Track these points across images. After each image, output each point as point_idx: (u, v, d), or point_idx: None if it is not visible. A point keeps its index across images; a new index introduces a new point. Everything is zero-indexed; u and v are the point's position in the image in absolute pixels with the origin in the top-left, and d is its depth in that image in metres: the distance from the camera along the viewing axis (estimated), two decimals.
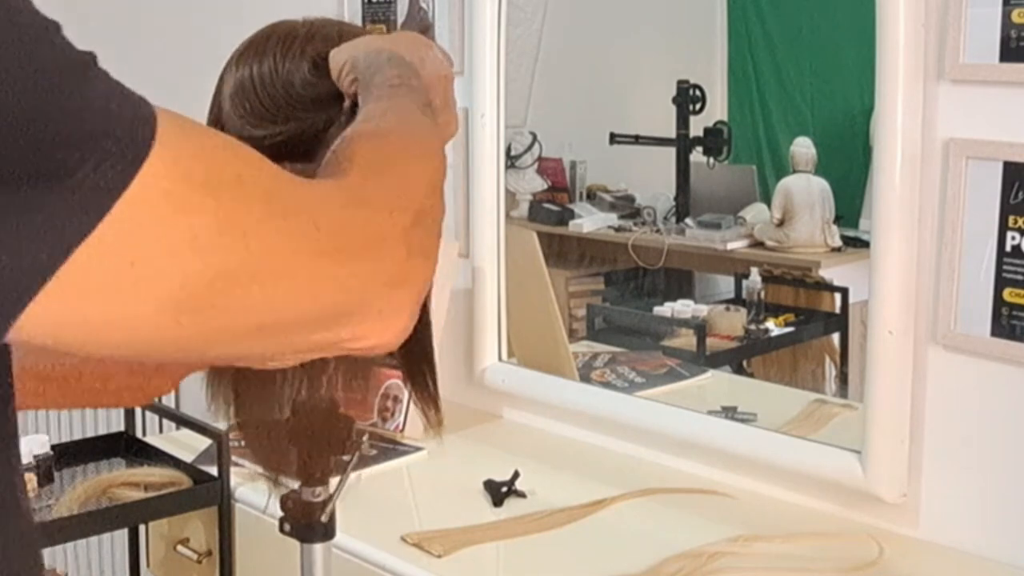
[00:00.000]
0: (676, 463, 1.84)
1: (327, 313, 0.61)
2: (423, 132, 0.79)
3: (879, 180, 1.54)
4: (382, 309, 0.63)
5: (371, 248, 0.62)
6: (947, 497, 1.56)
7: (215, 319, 0.56)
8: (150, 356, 0.58)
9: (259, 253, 0.56)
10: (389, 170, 0.69)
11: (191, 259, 0.53)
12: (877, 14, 1.50)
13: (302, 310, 0.59)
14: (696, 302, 2.55)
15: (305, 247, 0.59)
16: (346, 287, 0.61)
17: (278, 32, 1.00)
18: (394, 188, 0.67)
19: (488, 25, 2.02)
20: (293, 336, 0.61)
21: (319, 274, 0.59)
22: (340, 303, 0.61)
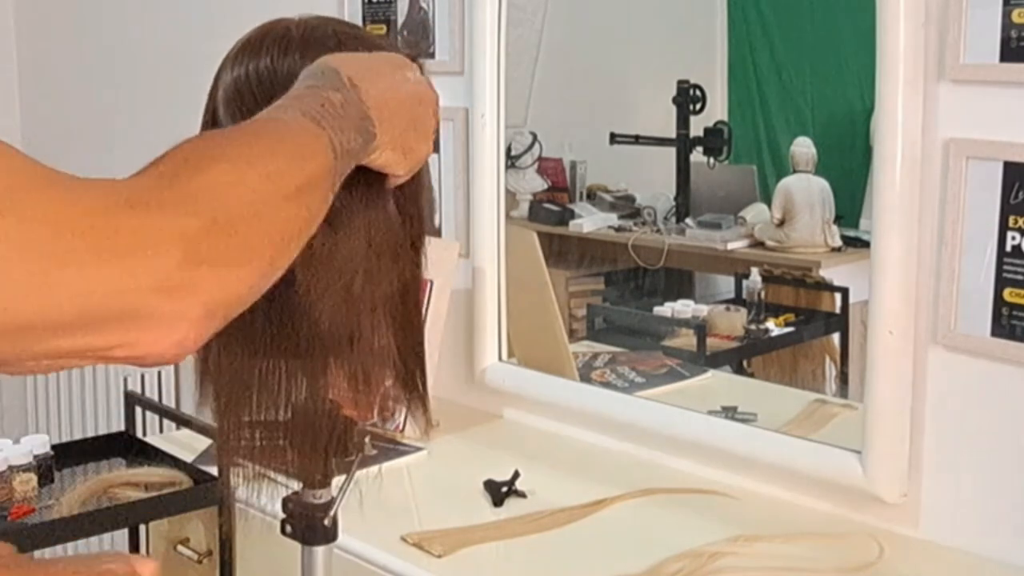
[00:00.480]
0: (676, 463, 1.84)
1: (70, 319, 0.57)
2: (279, 135, 0.72)
3: (879, 180, 1.54)
4: (151, 317, 0.59)
5: (131, 252, 0.58)
6: (947, 497, 1.56)
7: None
8: None
9: (13, 237, 0.54)
10: (196, 172, 0.64)
11: None
12: (877, 14, 1.50)
13: (34, 313, 0.55)
14: (696, 302, 2.55)
15: (50, 249, 0.55)
16: (105, 292, 0.57)
17: (273, 32, 0.99)
18: (192, 191, 0.62)
19: (488, 25, 2.01)
20: (32, 341, 0.57)
21: (52, 278, 0.56)
22: (98, 309, 0.57)
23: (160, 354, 0.60)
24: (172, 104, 2.53)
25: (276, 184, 0.67)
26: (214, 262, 0.61)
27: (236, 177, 0.65)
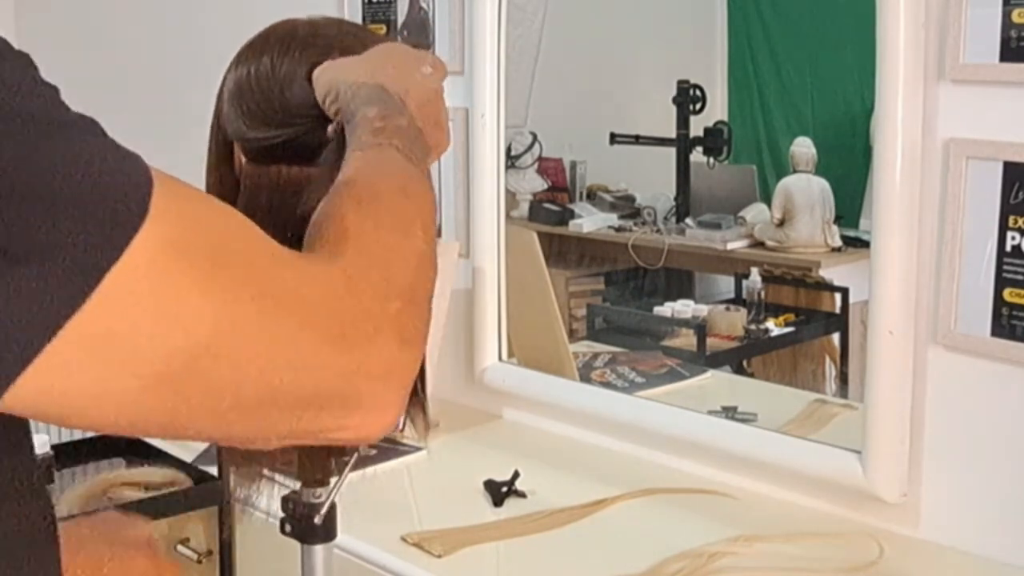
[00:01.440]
0: (676, 463, 1.84)
1: (311, 400, 0.59)
2: (414, 190, 0.76)
3: (879, 180, 1.54)
4: (370, 402, 0.62)
5: (365, 339, 0.61)
6: (947, 497, 1.56)
7: (197, 395, 0.55)
8: (131, 431, 0.57)
9: (246, 333, 0.55)
10: (382, 249, 0.67)
11: (176, 335, 0.53)
12: (877, 14, 1.50)
13: (285, 394, 0.58)
14: (696, 302, 2.55)
15: (295, 332, 0.57)
16: (334, 376, 0.60)
17: (277, 32, 1.00)
18: (387, 271, 0.66)
19: (488, 25, 2.01)
20: (275, 419, 0.59)
21: (308, 360, 0.58)
22: (326, 391, 0.60)
23: (367, 437, 0.63)
24: (173, 105, 2.53)
25: (426, 246, 0.71)
26: (414, 340, 0.65)
27: (404, 252, 0.68)
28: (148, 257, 0.51)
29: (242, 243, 0.58)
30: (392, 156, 0.79)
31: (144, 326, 0.52)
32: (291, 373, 0.57)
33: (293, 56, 0.97)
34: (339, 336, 0.60)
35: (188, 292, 0.53)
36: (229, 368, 0.55)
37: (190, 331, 0.53)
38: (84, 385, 0.52)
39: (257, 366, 0.56)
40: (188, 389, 0.54)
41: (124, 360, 0.52)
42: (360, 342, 0.61)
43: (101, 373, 0.52)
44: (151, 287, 0.52)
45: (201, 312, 0.53)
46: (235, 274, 0.56)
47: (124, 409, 0.54)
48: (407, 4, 2.18)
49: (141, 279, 0.51)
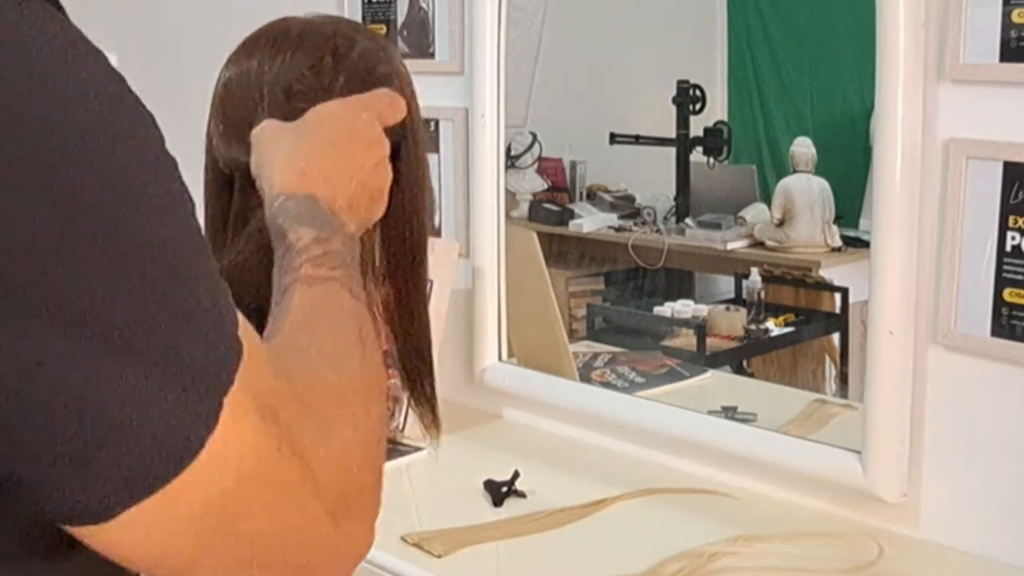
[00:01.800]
0: (676, 463, 1.84)
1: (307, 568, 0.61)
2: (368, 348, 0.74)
3: (879, 180, 1.54)
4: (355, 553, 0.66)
5: (370, 506, 0.68)
6: (947, 497, 1.56)
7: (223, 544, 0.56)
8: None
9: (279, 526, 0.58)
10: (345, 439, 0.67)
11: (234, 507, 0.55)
12: (877, 14, 1.50)
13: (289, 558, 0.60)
14: (696, 302, 2.55)
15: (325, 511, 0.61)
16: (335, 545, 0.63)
17: (270, 32, 0.97)
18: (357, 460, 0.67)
19: (488, 25, 2.01)
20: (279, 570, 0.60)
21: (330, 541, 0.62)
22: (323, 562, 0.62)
23: None
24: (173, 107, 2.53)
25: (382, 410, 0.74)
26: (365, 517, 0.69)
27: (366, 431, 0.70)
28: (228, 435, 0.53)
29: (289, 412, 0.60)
30: (339, 298, 0.76)
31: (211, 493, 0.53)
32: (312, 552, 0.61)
33: (284, 55, 0.95)
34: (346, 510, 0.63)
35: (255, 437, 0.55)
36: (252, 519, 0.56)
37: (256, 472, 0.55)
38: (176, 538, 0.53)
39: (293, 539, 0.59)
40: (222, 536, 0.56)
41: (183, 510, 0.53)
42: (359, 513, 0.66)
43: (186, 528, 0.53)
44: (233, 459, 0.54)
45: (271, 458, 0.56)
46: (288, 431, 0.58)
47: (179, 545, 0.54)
48: (407, 4, 2.18)
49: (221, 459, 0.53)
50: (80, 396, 0.48)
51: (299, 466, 0.58)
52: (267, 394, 0.56)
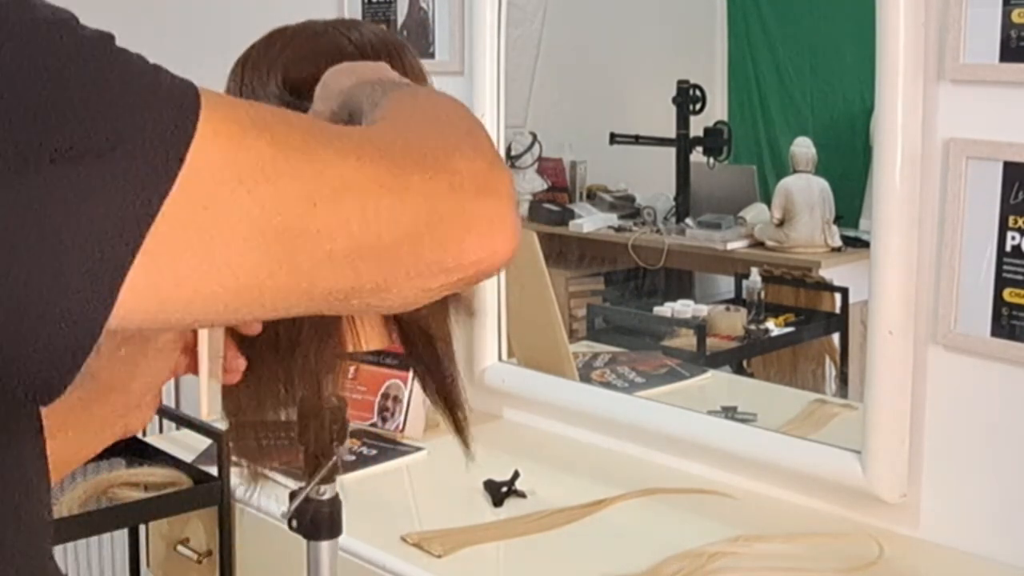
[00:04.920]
0: (676, 463, 1.84)
1: (421, 228, 0.59)
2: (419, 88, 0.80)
3: (879, 180, 1.54)
4: (479, 217, 0.61)
5: (446, 159, 0.61)
6: (947, 497, 1.56)
7: (313, 246, 0.55)
8: (268, 306, 0.57)
9: (332, 172, 0.56)
10: (421, 105, 0.71)
11: (266, 190, 0.54)
12: (877, 14, 1.50)
13: (394, 224, 0.58)
14: (696, 302, 2.55)
15: (377, 160, 0.58)
16: (431, 198, 0.59)
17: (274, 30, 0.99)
18: (435, 113, 0.69)
19: (488, 25, 2.01)
20: (396, 256, 0.59)
21: (402, 183, 0.58)
22: (432, 215, 0.59)
23: (500, 256, 0.63)
24: None
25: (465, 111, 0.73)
26: (495, 159, 0.65)
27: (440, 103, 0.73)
28: (214, 130, 0.53)
29: (285, 110, 0.60)
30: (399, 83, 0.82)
31: (233, 191, 0.53)
32: (390, 202, 0.58)
33: (275, 47, 0.96)
34: (422, 160, 0.60)
35: (260, 151, 0.54)
36: (329, 212, 0.56)
37: (278, 185, 0.54)
38: (197, 265, 0.53)
39: (357, 202, 0.57)
40: (297, 239, 0.55)
41: (226, 226, 0.53)
42: (444, 162, 0.61)
43: (209, 244, 0.52)
44: (229, 156, 0.53)
45: (281, 166, 0.55)
46: (295, 130, 0.57)
47: (245, 280, 0.54)
48: (407, 4, 2.18)
49: (217, 150, 0.53)
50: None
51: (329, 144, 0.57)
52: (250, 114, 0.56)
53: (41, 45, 0.50)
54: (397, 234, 0.58)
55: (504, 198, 0.63)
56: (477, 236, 0.61)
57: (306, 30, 0.98)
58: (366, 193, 0.57)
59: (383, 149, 0.60)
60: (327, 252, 0.56)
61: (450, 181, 0.60)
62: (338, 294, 0.58)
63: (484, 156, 0.63)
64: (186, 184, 0.51)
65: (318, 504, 1.06)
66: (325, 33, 0.98)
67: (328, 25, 0.99)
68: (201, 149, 0.52)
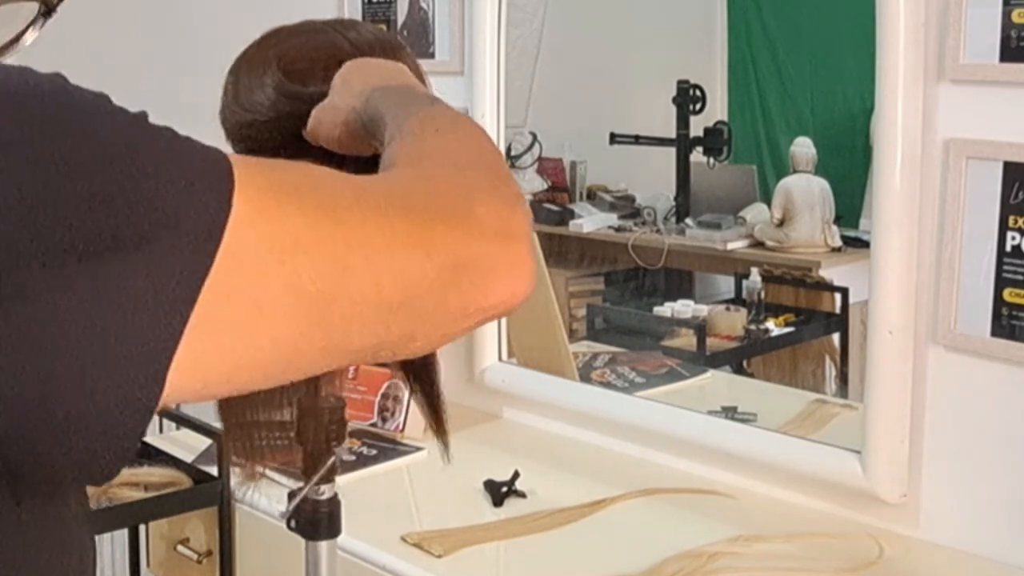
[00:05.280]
0: (676, 463, 1.84)
1: (447, 277, 0.61)
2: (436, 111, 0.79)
3: (879, 180, 1.54)
4: (502, 260, 0.64)
5: (467, 207, 0.63)
6: (947, 497, 1.56)
7: (346, 309, 0.57)
8: (302, 370, 0.60)
9: (359, 233, 0.58)
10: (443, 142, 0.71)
11: (300, 260, 0.55)
12: (877, 14, 1.50)
13: (420, 278, 0.60)
14: (696, 302, 2.55)
15: (400, 217, 0.60)
16: (456, 246, 0.62)
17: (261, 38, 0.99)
18: (457, 152, 0.70)
19: (488, 25, 2.01)
20: (424, 306, 0.61)
21: (425, 238, 0.60)
22: (457, 263, 0.61)
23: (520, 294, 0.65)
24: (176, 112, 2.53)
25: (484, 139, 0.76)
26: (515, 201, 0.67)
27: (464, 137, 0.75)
28: (248, 205, 0.54)
29: (309, 170, 0.62)
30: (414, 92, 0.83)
31: (271, 266, 0.55)
32: (417, 257, 0.60)
33: (268, 41, 0.97)
34: (443, 212, 0.62)
35: (293, 222, 0.56)
36: (360, 273, 0.58)
37: (311, 254, 0.56)
38: (238, 340, 0.54)
39: (384, 262, 0.59)
40: (332, 304, 0.57)
41: (264, 303, 0.55)
42: (465, 211, 0.63)
43: (248, 319, 0.54)
44: (263, 230, 0.54)
45: (313, 234, 0.56)
46: (323, 194, 0.59)
47: (283, 348, 0.56)
48: (407, 4, 2.18)
49: (251, 226, 0.54)
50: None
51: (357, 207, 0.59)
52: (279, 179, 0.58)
53: (83, 137, 0.51)
54: (424, 287, 0.60)
55: (523, 240, 0.65)
56: (498, 281, 0.63)
57: (303, 28, 0.98)
58: (394, 251, 0.59)
59: (408, 204, 0.62)
60: (360, 313, 0.58)
61: (472, 229, 0.63)
62: (368, 349, 0.61)
63: (504, 199, 0.66)
64: (224, 263, 0.53)
65: (317, 504, 1.06)
66: (323, 31, 0.98)
67: (326, 24, 1.00)
68: (237, 227, 0.53)
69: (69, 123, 0.51)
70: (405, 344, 0.63)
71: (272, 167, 0.59)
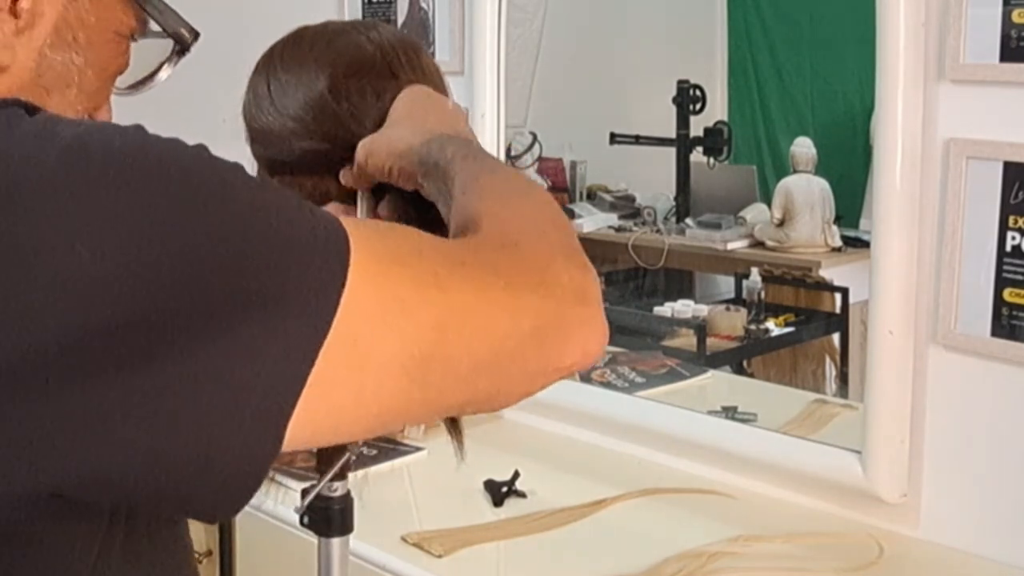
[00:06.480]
0: (676, 463, 1.84)
1: (530, 339, 0.66)
2: (509, 172, 0.85)
3: (879, 180, 1.54)
4: (578, 322, 0.69)
5: (546, 271, 0.69)
6: (947, 497, 1.56)
7: (443, 368, 0.62)
8: (398, 423, 0.65)
9: (457, 299, 0.63)
10: (511, 206, 0.76)
11: (406, 326, 0.60)
12: (877, 14, 1.50)
13: (507, 340, 0.65)
14: (696, 302, 2.55)
15: (492, 283, 0.65)
16: (539, 310, 0.67)
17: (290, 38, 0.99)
18: (525, 216, 0.75)
19: (488, 25, 2.01)
20: (509, 366, 0.66)
21: (514, 306, 0.66)
22: (539, 326, 0.67)
23: (593, 354, 0.71)
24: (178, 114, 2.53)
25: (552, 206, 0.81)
26: (585, 264, 0.73)
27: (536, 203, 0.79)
28: (361, 273, 0.59)
29: (418, 236, 0.67)
30: (482, 151, 0.87)
31: (379, 329, 0.59)
32: (505, 321, 0.65)
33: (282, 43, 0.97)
34: (530, 278, 0.68)
35: (399, 285, 0.61)
36: (456, 336, 0.62)
37: (416, 318, 0.61)
38: (347, 396, 0.59)
39: (477, 325, 0.64)
40: (431, 364, 0.61)
41: (373, 363, 0.59)
42: (545, 275, 0.68)
43: (357, 381, 0.59)
44: (374, 295, 0.59)
45: (416, 298, 0.61)
46: (426, 262, 0.63)
47: (385, 404, 0.61)
48: (407, 4, 2.18)
49: (364, 292, 0.59)
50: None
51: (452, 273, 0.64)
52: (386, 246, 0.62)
53: (222, 205, 0.56)
54: (510, 349, 0.66)
55: (596, 303, 0.71)
56: (576, 343, 0.69)
57: (327, 30, 0.99)
58: (486, 315, 0.64)
59: (499, 270, 0.67)
60: (455, 373, 0.63)
61: (554, 294, 0.68)
62: (457, 406, 0.69)
63: (579, 266, 0.72)
64: (339, 325, 0.57)
65: (330, 501, 1.07)
66: (345, 33, 0.98)
67: (347, 25, 1.00)
68: (352, 291, 0.58)
69: (210, 193, 0.56)
70: (490, 401, 0.68)
71: (383, 234, 0.65)
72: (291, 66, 0.96)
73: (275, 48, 0.98)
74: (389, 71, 0.96)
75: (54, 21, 0.69)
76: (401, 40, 1.00)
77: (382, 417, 0.62)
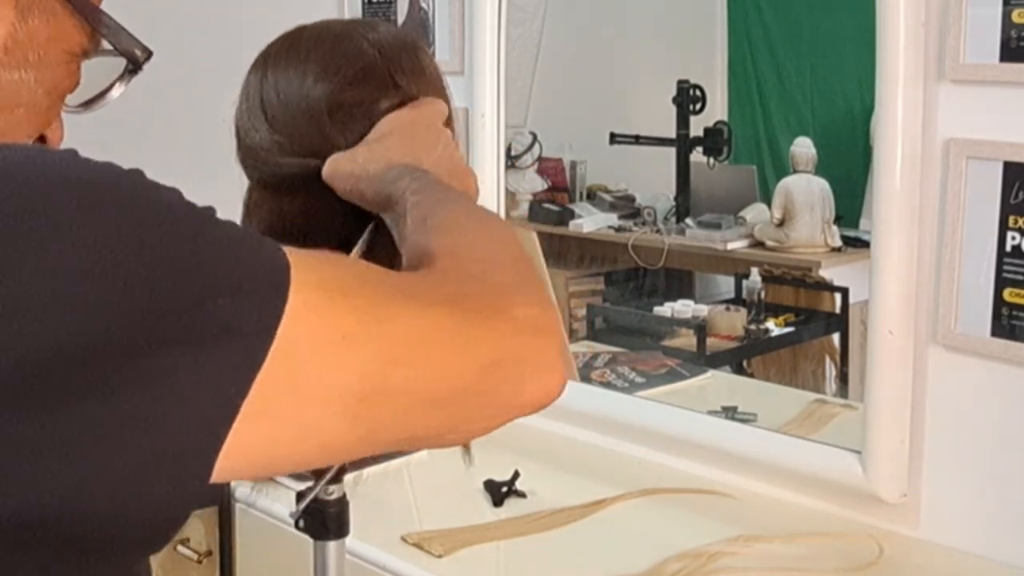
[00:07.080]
0: (676, 463, 1.84)
1: (485, 374, 0.64)
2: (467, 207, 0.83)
3: (879, 180, 1.54)
4: (535, 358, 0.67)
5: (504, 306, 0.67)
6: (947, 497, 1.56)
7: (389, 403, 0.60)
8: (341, 457, 0.65)
9: (406, 332, 0.61)
10: (470, 246, 0.74)
11: (349, 356, 0.58)
12: (877, 14, 1.50)
13: (461, 374, 0.63)
14: (696, 302, 2.56)
15: (445, 317, 0.63)
16: (495, 345, 0.65)
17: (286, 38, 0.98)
18: (486, 256, 0.73)
19: (488, 25, 2.01)
20: (463, 402, 0.64)
21: (467, 338, 0.64)
22: (495, 361, 0.65)
23: (551, 392, 0.69)
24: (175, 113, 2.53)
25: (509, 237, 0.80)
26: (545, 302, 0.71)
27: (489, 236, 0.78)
28: (303, 302, 0.57)
29: (360, 269, 0.66)
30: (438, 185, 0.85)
31: (319, 361, 0.57)
32: (459, 355, 0.63)
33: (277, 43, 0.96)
34: (485, 312, 0.66)
35: (345, 319, 0.59)
36: (406, 370, 0.60)
37: (360, 351, 0.59)
38: (284, 429, 0.57)
39: (428, 360, 0.62)
40: (378, 398, 0.60)
41: (312, 395, 0.57)
42: (501, 311, 0.66)
43: (295, 414, 0.57)
44: (317, 326, 0.57)
45: (362, 332, 0.59)
46: (374, 294, 0.62)
47: (327, 438, 0.59)
48: (407, 4, 2.18)
49: (305, 322, 0.57)
50: None
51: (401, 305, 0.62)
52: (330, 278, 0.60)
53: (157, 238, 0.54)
54: (464, 385, 0.63)
55: (556, 337, 0.69)
56: (535, 380, 0.67)
57: (328, 32, 0.97)
58: (439, 349, 0.62)
59: (452, 303, 0.65)
60: (403, 407, 0.61)
61: (511, 330, 0.66)
62: (406, 441, 0.64)
63: (537, 300, 0.69)
64: (276, 358, 0.55)
65: (326, 504, 1.06)
66: (345, 35, 0.97)
67: (347, 26, 0.99)
68: (291, 322, 0.56)
69: (145, 221, 0.54)
70: (441, 437, 0.67)
71: (325, 262, 0.62)
72: (287, 72, 0.94)
73: (271, 50, 0.97)
74: (390, 78, 0.95)
75: (3, 39, 0.67)
76: (400, 39, 0.99)
77: (324, 450, 0.60)
